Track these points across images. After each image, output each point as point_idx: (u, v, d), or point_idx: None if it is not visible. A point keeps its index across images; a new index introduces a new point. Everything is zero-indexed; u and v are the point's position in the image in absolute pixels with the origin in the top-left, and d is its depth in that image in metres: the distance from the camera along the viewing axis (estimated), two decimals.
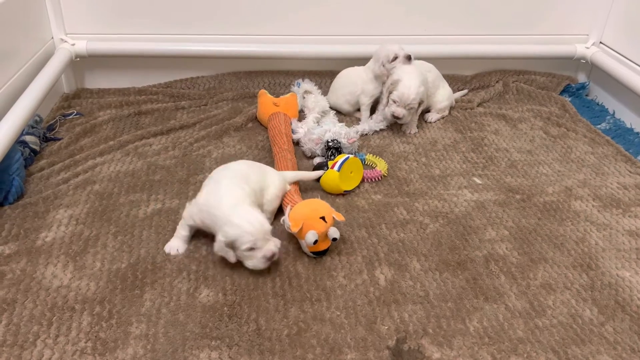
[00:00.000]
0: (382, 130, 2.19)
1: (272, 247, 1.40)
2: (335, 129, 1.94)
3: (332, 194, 1.77)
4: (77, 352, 1.20)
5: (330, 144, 1.90)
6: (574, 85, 2.60)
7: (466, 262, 1.50)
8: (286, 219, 1.49)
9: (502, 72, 2.61)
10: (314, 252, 1.48)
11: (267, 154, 1.99)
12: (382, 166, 1.91)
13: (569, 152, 2.08)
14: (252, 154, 1.99)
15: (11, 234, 1.53)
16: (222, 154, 1.99)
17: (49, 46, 2.26)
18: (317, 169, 1.84)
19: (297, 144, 2.04)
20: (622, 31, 2.42)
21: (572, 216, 1.71)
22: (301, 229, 1.45)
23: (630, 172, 1.96)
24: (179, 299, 1.35)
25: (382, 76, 2.17)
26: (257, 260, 1.39)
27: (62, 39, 2.30)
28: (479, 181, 1.88)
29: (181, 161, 1.93)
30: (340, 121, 2.13)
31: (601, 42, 2.52)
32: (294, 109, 2.17)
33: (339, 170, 1.74)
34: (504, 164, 1.99)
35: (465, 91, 2.51)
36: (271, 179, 1.63)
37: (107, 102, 2.30)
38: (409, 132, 2.18)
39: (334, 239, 1.49)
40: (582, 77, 2.65)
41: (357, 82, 2.23)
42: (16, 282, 1.37)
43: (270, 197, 1.60)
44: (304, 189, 1.78)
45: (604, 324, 1.33)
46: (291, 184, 1.71)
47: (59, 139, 2.01)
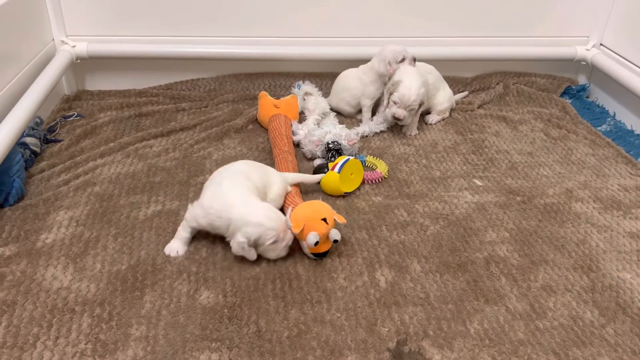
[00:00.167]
0: (382, 132, 2.19)
1: (290, 234, 1.46)
2: (335, 131, 1.94)
3: (332, 196, 1.77)
4: (77, 353, 1.20)
5: (330, 145, 1.90)
6: (574, 87, 2.60)
7: (467, 264, 1.50)
8: (288, 219, 1.49)
9: (503, 74, 2.61)
10: (314, 254, 1.48)
11: (268, 155, 1.99)
12: (382, 168, 1.91)
13: (569, 154, 2.08)
14: (252, 155, 1.99)
15: (11, 236, 1.53)
16: (223, 155, 1.99)
17: (50, 48, 2.26)
18: (317, 171, 1.84)
19: (297, 145, 2.04)
20: (622, 33, 2.42)
21: (573, 218, 1.71)
22: (302, 230, 1.45)
23: (630, 174, 1.96)
24: (179, 301, 1.34)
25: (385, 76, 2.17)
26: (279, 250, 1.46)
27: (62, 41, 2.30)
28: (479, 183, 1.88)
29: (181, 163, 1.93)
30: (340, 123, 2.13)
31: (601, 44, 2.52)
32: (295, 110, 2.17)
33: (339, 172, 1.74)
34: (504, 166, 1.99)
35: (465, 93, 2.51)
36: (274, 177, 1.65)
37: (107, 104, 2.30)
38: (409, 133, 2.18)
39: (335, 241, 1.49)
40: (582, 79, 2.65)
41: (358, 84, 2.22)
42: (16, 283, 1.37)
43: (273, 196, 1.61)
44: (304, 191, 1.78)
45: (605, 326, 1.33)
46: (292, 186, 1.72)
47: (60, 141, 2.01)
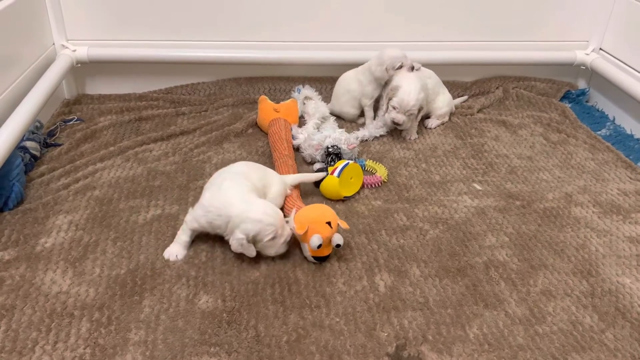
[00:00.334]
0: (382, 136, 2.19)
1: (289, 230, 1.47)
2: (335, 135, 1.94)
3: (332, 200, 1.77)
4: (75, 358, 1.20)
5: (330, 149, 1.91)
6: (574, 91, 2.60)
7: (466, 268, 1.50)
8: (291, 220, 1.49)
9: (502, 78, 2.61)
10: (315, 257, 1.48)
11: (268, 159, 1.99)
12: (382, 172, 1.91)
13: (569, 158, 2.08)
14: (252, 159, 1.99)
15: (11, 240, 1.53)
16: (222, 159, 1.99)
17: (50, 52, 2.26)
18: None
19: (297, 149, 2.04)
20: (621, 38, 2.42)
21: (572, 222, 1.71)
22: (306, 232, 1.45)
23: (630, 178, 1.96)
24: (178, 305, 1.34)
25: (382, 79, 2.18)
26: (278, 246, 1.46)
27: (63, 45, 2.30)
28: (479, 187, 1.88)
29: (181, 167, 1.93)
30: (340, 127, 2.13)
31: (601, 49, 2.53)
32: (295, 115, 2.18)
33: (339, 176, 1.74)
34: (504, 170, 1.99)
35: (465, 97, 2.52)
36: (273, 178, 1.66)
37: (107, 108, 2.31)
38: (409, 138, 2.18)
39: (338, 245, 1.48)
40: (582, 84, 2.65)
41: (357, 86, 2.23)
42: (15, 288, 1.37)
43: (273, 195, 1.62)
44: (304, 195, 1.78)
45: (605, 331, 1.32)
46: (292, 188, 1.72)
47: (60, 145, 2.01)
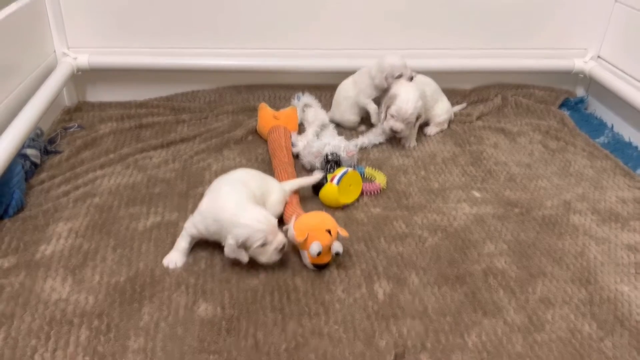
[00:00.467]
0: (381, 143, 2.19)
1: (281, 238, 1.45)
2: (334, 142, 1.95)
3: (331, 207, 1.78)
4: None
5: (329, 157, 1.91)
6: (572, 99, 2.61)
7: (465, 276, 1.50)
8: (290, 228, 1.50)
9: (501, 86, 2.62)
10: (315, 265, 1.48)
11: (267, 166, 2.00)
12: (381, 179, 1.91)
13: (567, 166, 2.09)
14: (252, 166, 1.99)
15: (11, 247, 1.53)
16: (222, 166, 1.99)
17: (51, 60, 2.27)
18: (317, 183, 1.84)
19: (296, 157, 2.04)
20: (620, 45, 2.43)
21: (571, 230, 1.71)
22: (306, 239, 1.46)
23: (629, 186, 1.96)
24: (177, 313, 1.34)
25: (380, 87, 2.18)
26: (270, 254, 1.45)
27: (64, 53, 2.31)
28: (477, 195, 1.89)
29: (181, 174, 1.93)
30: (339, 135, 2.14)
31: (599, 57, 2.54)
32: (294, 122, 2.19)
33: (338, 183, 1.74)
34: (502, 178, 2.00)
35: (463, 105, 2.52)
36: (273, 185, 1.67)
37: (108, 115, 2.31)
38: (408, 145, 2.19)
39: (337, 254, 1.49)
40: (580, 91, 2.67)
41: (354, 89, 2.24)
42: (15, 295, 1.37)
43: (272, 203, 1.62)
44: (303, 203, 1.78)
45: (603, 339, 1.33)
46: (291, 194, 1.72)
47: (60, 152, 2.02)
